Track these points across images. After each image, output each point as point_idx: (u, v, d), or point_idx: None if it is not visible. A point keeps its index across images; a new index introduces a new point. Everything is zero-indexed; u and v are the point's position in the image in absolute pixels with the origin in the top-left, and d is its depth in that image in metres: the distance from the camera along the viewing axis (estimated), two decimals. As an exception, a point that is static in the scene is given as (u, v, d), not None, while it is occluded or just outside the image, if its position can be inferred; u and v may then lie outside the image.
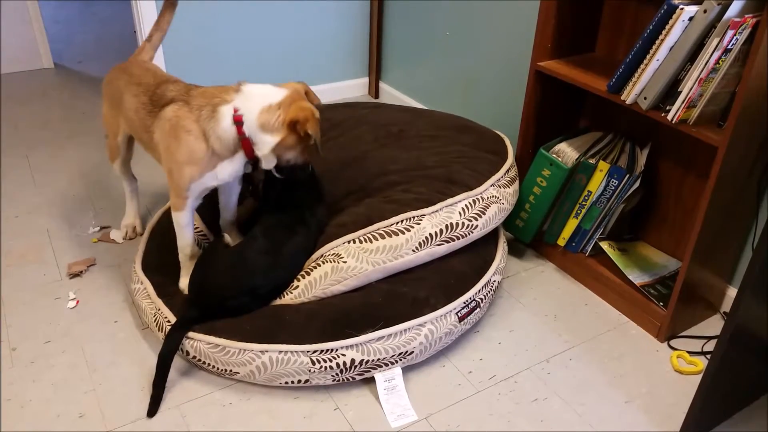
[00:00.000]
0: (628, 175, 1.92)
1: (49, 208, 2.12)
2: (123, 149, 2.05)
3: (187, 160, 1.64)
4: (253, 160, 1.69)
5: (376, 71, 3.34)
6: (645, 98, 1.71)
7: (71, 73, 3.57)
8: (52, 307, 1.91)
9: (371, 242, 1.71)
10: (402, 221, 1.73)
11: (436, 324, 1.69)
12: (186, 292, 1.79)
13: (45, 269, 2.06)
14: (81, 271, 2.05)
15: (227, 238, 1.79)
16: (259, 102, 1.63)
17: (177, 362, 1.72)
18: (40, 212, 2.34)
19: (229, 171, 1.69)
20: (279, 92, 1.65)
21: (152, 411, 1.58)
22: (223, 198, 1.92)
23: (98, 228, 2.27)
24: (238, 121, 1.61)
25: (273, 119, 1.62)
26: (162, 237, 1.98)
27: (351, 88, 3.38)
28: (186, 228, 1.77)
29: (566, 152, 2.02)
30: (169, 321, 1.70)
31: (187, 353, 1.67)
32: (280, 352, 1.60)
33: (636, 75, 1.71)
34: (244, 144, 1.64)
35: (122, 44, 3.87)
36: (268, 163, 1.71)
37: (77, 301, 1.93)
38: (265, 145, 1.64)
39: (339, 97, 3.33)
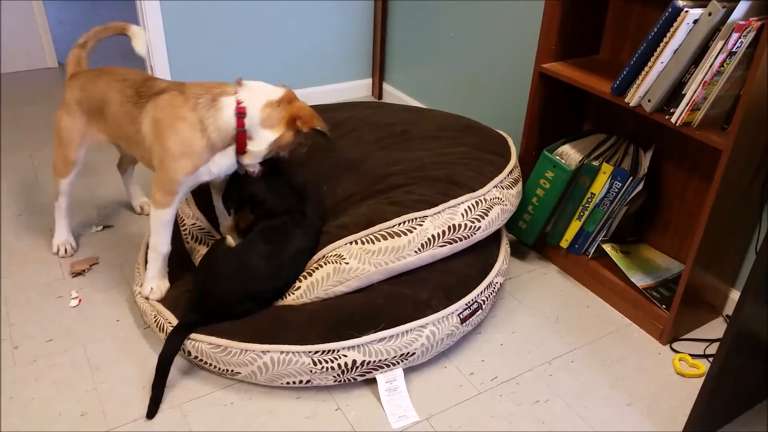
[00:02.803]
0: (631, 178, 1.92)
1: (52, 208, 2.13)
2: (80, 163, 1.97)
3: (181, 152, 1.62)
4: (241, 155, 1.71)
5: (379, 72, 3.34)
6: (649, 100, 1.71)
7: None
8: (55, 305, 1.91)
9: (373, 243, 1.70)
10: (404, 222, 1.73)
11: (437, 325, 1.69)
12: (150, 297, 1.78)
13: (48, 268, 2.06)
14: (83, 270, 2.05)
15: (229, 239, 1.79)
16: (262, 97, 1.66)
17: (178, 361, 1.72)
18: (43, 211, 2.34)
19: (223, 165, 1.69)
20: (278, 90, 1.70)
21: (152, 413, 1.58)
22: (219, 203, 1.91)
23: (101, 227, 2.27)
24: (240, 113, 1.63)
25: (275, 115, 1.66)
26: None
27: (354, 89, 3.38)
28: (166, 227, 1.73)
29: (569, 154, 2.02)
30: (170, 323, 1.70)
31: (189, 353, 1.67)
32: (282, 352, 1.59)
33: (640, 77, 1.71)
34: (240, 137, 1.65)
35: (126, 45, 3.87)
36: (254, 159, 1.72)
37: (79, 300, 1.93)
38: (263, 140, 1.67)
39: (342, 98, 3.33)
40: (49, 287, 1.98)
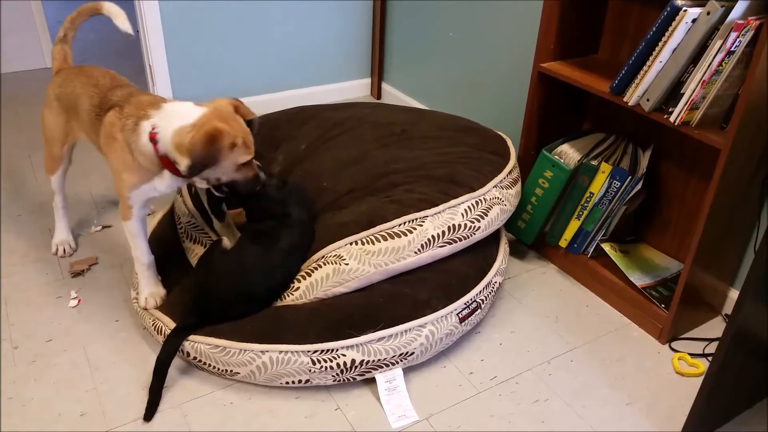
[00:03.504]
0: (630, 177, 1.92)
1: (51, 208, 2.13)
2: (67, 159, 1.99)
3: (120, 169, 1.62)
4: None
5: (378, 72, 3.34)
6: (648, 100, 1.71)
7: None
8: (54, 306, 1.91)
9: (373, 244, 1.70)
10: (405, 223, 1.73)
11: (437, 325, 1.69)
12: (147, 307, 1.78)
13: (47, 268, 2.06)
14: (83, 270, 2.05)
15: (225, 241, 1.79)
16: (174, 122, 1.53)
17: (177, 361, 1.72)
18: (42, 211, 2.34)
19: (166, 183, 1.63)
20: (196, 111, 1.55)
21: (149, 415, 1.57)
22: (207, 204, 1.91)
23: (100, 227, 2.27)
24: (152, 139, 1.55)
25: (186, 141, 1.50)
26: (163, 243, 1.97)
27: (354, 89, 3.38)
28: (137, 237, 1.74)
29: (568, 154, 2.02)
30: (169, 328, 1.69)
31: (188, 354, 1.67)
32: (281, 352, 1.60)
33: (639, 77, 1.71)
34: (164, 162, 1.57)
35: (125, 44, 3.87)
36: (203, 183, 1.65)
37: (79, 300, 1.93)
38: (183, 167, 1.54)
39: (342, 98, 3.33)
40: (49, 287, 1.98)
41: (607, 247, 2.05)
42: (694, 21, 1.57)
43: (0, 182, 2.50)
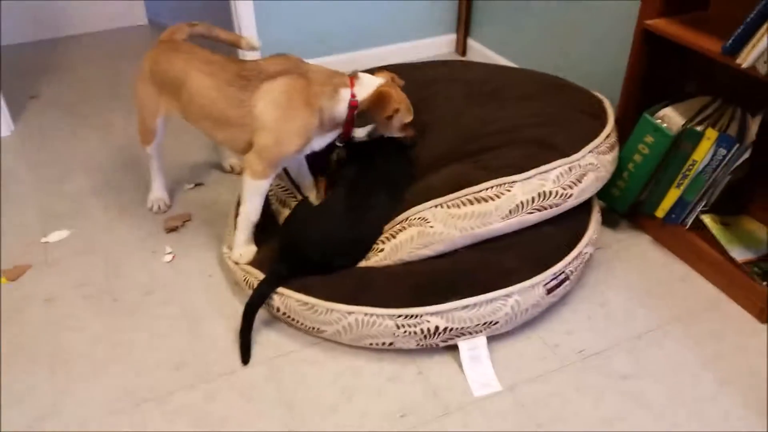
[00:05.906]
0: (737, 145, 1.79)
1: (146, 164, 2.20)
2: (161, 131, 2.02)
3: (297, 132, 1.70)
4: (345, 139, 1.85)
5: (465, 27, 3.23)
6: (765, 62, 1.57)
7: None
8: (150, 260, 2.00)
9: (459, 208, 1.68)
10: (492, 188, 1.69)
11: (523, 295, 1.65)
12: (239, 262, 1.82)
13: (142, 224, 2.15)
14: (177, 227, 2.13)
15: (312, 198, 1.82)
16: (366, 90, 1.77)
17: (267, 318, 1.77)
18: (139, 167, 2.43)
19: (321, 143, 1.81)
20: (376, 82, 1.80)
21: (245, 358, 1.65)
22: (294, 170, 1.96)
23: (192, 185, 2.34)
24: (353, 106, 1.74)
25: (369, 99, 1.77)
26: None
27: (436, 46, 3.28)
28: (263, 195, 1.79)
29: (671, 118, 1.90)
30: (258, 279, 1.74)
31: (278, 309, 1.71)
32: (366, 314, 1.61)
33: (756, 36, 1.57)
34: (348, 125, 1.78)
35: (214, 2, 3.91)
36: (360, 132, 1.92)
37: (173, 256, 2.02)
38: (364, 129, 1.89)
39: (423, 56, 3.23)
40: (145, 243, 2.07)
41: (706, 218, 1.94)
42: (827, -25, 1.42)
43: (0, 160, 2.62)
